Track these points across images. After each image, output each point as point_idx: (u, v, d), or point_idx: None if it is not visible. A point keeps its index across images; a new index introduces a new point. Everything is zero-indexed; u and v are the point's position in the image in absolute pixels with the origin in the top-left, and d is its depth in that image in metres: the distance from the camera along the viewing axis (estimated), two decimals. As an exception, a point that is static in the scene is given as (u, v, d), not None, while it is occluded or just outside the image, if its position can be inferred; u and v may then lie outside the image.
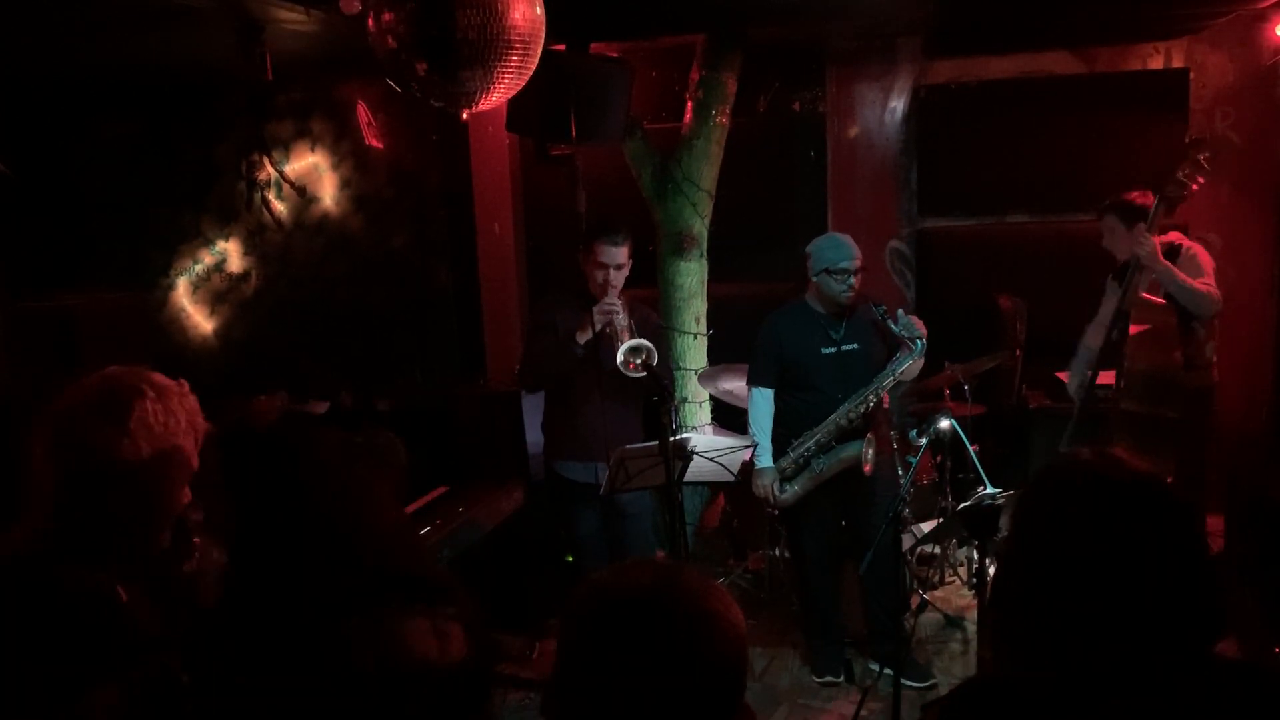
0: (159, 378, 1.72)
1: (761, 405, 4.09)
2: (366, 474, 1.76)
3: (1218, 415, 4.23)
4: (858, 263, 3.93)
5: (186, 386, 1.74)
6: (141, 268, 6.15)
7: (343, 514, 1.66)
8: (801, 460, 4.00)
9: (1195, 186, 3.93)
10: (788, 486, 4.04)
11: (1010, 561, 1.36)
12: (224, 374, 5.78)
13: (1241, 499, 4.04)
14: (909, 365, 3.89)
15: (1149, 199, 4.04)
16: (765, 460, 4.05)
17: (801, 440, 4.00)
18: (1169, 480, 1.33)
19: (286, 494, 1.66)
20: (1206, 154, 3.90)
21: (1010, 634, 1.32)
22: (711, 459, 3.74)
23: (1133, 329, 3.96)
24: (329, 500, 1.67)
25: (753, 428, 4.10)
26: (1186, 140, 3.99)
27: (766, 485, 4.05)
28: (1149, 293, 4.02)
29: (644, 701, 1.15)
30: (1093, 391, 4.14)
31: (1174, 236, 4.16)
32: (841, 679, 4.16)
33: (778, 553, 4.89)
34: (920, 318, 3.93)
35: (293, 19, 4.03)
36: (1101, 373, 4.14)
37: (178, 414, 1.68)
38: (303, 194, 5.96)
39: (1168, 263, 3.95)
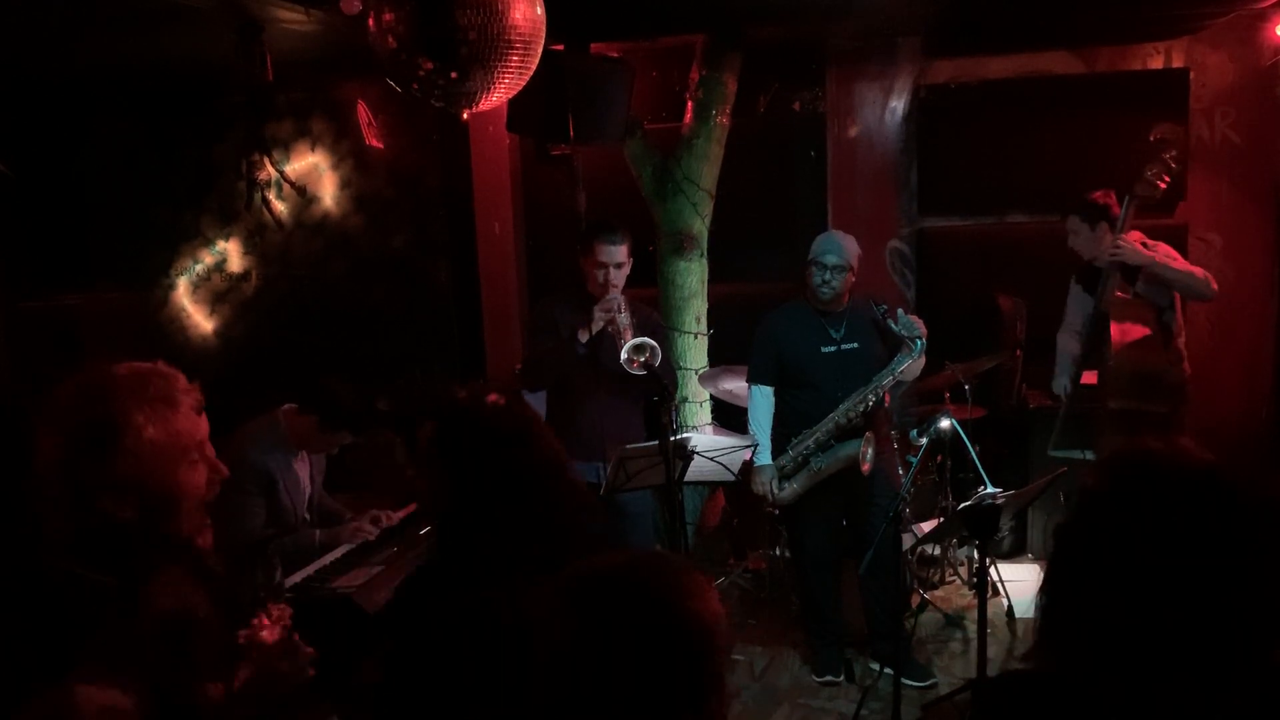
0: (154, 367, 1.72)
1: (760, 403, 4.10)
2: (561, 451, 1.84)
3: (1193, 408, 4.23)
4: (840, 261, 3.92)
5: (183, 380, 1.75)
6: (141, 268, 6.15)
7: (545, 487, 1.76)
8: (800, 458, 4.01)
9: (1163, 185, 3.93)
10: (786, 484, 4.04)
11: (1069, 552, 1.28)
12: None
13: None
14: (908, 365, 3.89)
15: (1110, 198, 4.05)
16: (764, 458, 4.06)
17: (800, 438, 4.00)
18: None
19: (504, 467, 1.74)
20: (1173, 152, 3.90)
21: (1060, 629, 1.26)
22: (712, 459, 3.74)
23: (1113, 326, 3.96)
24: (537, 473, 1.76)
25: (752, 425, 4.10)
26: (1151, 139, 3.98)
27: (765, 483, 4.05)
28: (1120, 291, 4.03)
29: (618, 677, 1.18)
30: (1078, 391, 4.15)
31: (1136, 237, 4.11)
32: (842, 678, 4.16)
33: (778, 552, 4.89)
34: (920, 317, 3.93)
35: (293, 19, 4.03)
36: (1085, 373, 4.15)
37: (177, 401, 1.69)
38: (303, 194, 5.95)
39: (1151, 253, 3.94)
